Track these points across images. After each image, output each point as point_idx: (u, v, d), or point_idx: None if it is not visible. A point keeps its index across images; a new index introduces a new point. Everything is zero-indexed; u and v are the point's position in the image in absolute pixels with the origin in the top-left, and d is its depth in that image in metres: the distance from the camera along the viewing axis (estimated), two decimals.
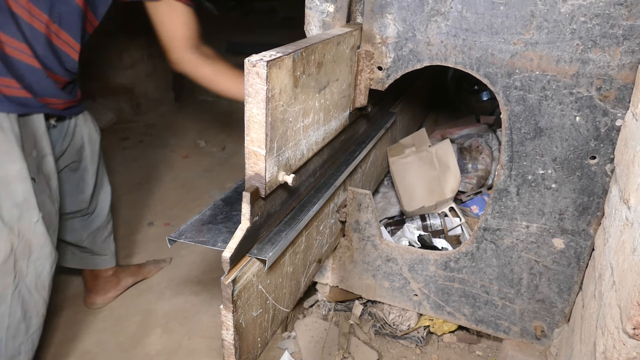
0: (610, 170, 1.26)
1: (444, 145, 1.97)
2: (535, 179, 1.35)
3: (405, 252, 1.60)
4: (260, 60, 0.88)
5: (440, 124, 2.76)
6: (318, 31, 1.43)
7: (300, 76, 1.02)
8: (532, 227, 1.41)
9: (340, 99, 1.30)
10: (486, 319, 1.59)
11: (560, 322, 1.48)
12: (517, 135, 1.32)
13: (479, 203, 2.05)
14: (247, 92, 0.91)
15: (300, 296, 1.40)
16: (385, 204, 2.13)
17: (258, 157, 0.96)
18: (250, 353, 1.13)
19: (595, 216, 1.32)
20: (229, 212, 1.17)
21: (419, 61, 1.36)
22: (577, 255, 1.38)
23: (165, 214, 2.61)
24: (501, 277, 1.51)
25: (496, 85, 1.29)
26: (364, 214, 1.58)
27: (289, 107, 1.00)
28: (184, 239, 1.06)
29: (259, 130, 0.93)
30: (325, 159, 1.34)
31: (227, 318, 0.99)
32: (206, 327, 1.87)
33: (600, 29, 1.15)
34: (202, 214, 1.15)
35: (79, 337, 1.82)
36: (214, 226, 1.12)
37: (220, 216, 1.16)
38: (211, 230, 1.11)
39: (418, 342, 1.73)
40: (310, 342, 1.73)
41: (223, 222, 1.14)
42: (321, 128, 1.21)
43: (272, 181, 1.01)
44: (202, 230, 1.10)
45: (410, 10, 1.31)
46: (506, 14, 1.22)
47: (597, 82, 1.20)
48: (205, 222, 1.13)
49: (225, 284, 0.96)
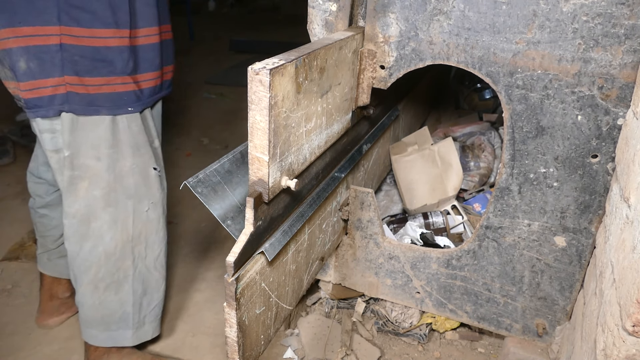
0: (611, 168, 1.26)
1: (447, 143, 1.97)
2: (537, 178, 1.36)
3: (407, 250, 1.61)
4: (263, 68, 0.88)
5: (443, 122, 2.76)
6: (321, 30, 1.44)
7: (303, 82, 1.03)
8: (533, 225, 1.41)
9: (342, 102, 1.30)
10: (488, 317, 1.59)
11: (562, 319, 1.49)
12: (519, 134, 1.33)
13: (481, 201, 2.06)
14: (250, 100, 0.92)
15: (303, 294, 1.41)
16: (387, 202, 2.14)
17: (261, 163, 0.96)
18: (254, 350, 1.14)
19: (596, 214, 1.33)
20: (245, 176, 1.14)
21: (422, 60, 1.36)
22: (579, 253, 1.39)
23: (169, 212, 2.60)
24: (503, 274, 1.51)
25: (498, 84, 1.30)
26: (367, 212, 1.59)
27: (291, 113, 1.01)
28: (199, 194, 1.01)
29: (262, 137, 0.94)
30: (328, 162, 1.35)
31: (230, 315, 1.01)
32: (210, 324, 1.88)
33: (602, 28, 1.16)
34: (221, 165, 1.10)
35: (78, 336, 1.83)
36: (229, 190, 1.09)
37: (236, 178, 1.12)
38: (225, 195, 1.08)
39: (420, 340, 1.74)
40: (313, 339, 1.74)
41: (237, 186, 1.11)
42: (323, 132, 1.22)
43: (275, 186, 1.02)
44: (216, 190, 1.07)
45: (413, 9, 1.32)
46: (508, 13, 1.23)
47: (599, 81, 1.20)
48: (222, 177, 1.09)
49: (229, 282, 0.97)
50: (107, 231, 1.47)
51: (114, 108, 1.38)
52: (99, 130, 1.39)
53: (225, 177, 1.10)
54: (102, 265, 1.49)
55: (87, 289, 1.51)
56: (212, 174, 1.08)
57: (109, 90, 1.37)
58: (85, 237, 1.46)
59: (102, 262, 1.49)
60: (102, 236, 1.47)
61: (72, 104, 1.34)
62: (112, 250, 1.49)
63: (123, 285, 1.54)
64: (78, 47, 1.30)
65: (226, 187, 1.09)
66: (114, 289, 1.53)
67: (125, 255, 1.51)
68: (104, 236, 1.47)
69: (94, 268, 1.49)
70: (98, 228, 1.46)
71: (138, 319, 1.60)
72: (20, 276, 1.86)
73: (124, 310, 1.56)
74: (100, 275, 1.50)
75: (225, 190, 1.09)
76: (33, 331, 1.80)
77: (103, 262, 1.49)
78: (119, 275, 1.52)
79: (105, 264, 1.49)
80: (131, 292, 1.55)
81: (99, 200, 1.44)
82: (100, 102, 1.36)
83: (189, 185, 1.02)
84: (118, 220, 1.48)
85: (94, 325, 1.55)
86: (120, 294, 1.54)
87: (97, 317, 1.54)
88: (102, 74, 1.34)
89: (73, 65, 1.31)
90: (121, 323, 1.57)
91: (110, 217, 1.46)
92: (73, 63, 1.31)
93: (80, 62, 1.31)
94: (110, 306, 1.54)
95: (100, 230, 1.47)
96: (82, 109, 1.35)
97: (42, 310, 1.86)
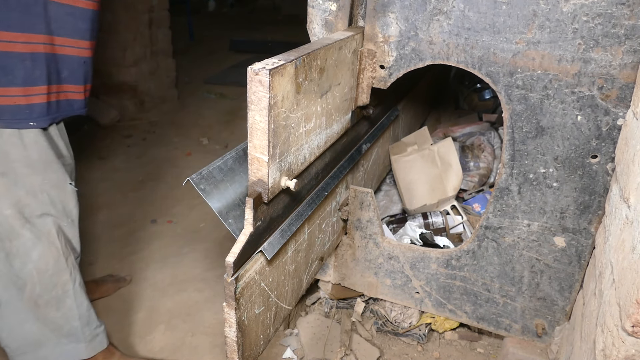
0: (611, 169, 1.26)
1: (446, 144, 1.97)
2: (536, 178, 1.36)
3: (407, 250, 1.61)
4: (263, 68, 0.88)
5: (442, 122, 2.76)
6: (320, 30, 1.44)
7: (303, 82, 1.03)
8: (533, 225, 1.41)
9: (342, 102, 1.30)
10: (487, 317, 1.59)
11: (561, 319, 1.49)
12: (519, 134, 1.33)
13: (481, 201, 2.06)
14: (249, 100, 0.92)
15: (302, 294, 1.41)
16: (387, 202, 2.14)
17: (261, 163, 0.96)
18: (253, 350, 1.14)
19: (596, 215, 1.33)
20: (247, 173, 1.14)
21: (421, 60, 1.36)
22: (578, 253, 1.39)
23: (168, 212, 2.62)
24: (502, 275, 1.51)
25: (498, 84, 1.30)
26: (366, 212, 1.59)
27: (291, 113, 1.01)
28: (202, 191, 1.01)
29: (261, 137, 0.94)
30: (328, 162, 1.35)
31: (229, 315, 1.01)
32: (209, 324, 1.88)
33: (602, 29, 1.16)
34: (224, 162, 1.10)
35: None
36: (231, 187, 1.09)
37: (238, 175, 1.12)
38: (227, 191, 1.08)
39: (419, 340, 1.74)
40: (312, 339, 1.74)
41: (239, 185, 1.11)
42: (323, 132, 1.21)
43: (275, 186, 1.02)
44: (218, 187, 1.07)
45: (413, 9, 1.31)
46: (508, 13, 1.23)
47: (598, 81, 1.20)
48: (224, 173, 1.09)
49: (228, 282, 0.97)
50: (32, 248, 1.40)
51: (12, 121, 1.29)
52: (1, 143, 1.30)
53: (227, 174, 1.10)
54: (36, 283, 1.42)
55: (28, 305, 1.43)
56: (215, 170, 1.08)
57: (6, 103, 1.27)
58: (10, 255, 1.38)
59: (36, 280, 1.42)
60: (28, 253, 1.40)
61: None
62: (43, 268, 1.42)
63: (64, 301, 1.47)
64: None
65: (228, 185, 1.09)
66: (55, 305, 1.46)
67: (60, 270, 1.45)
68: (30, 253, 1.40)
69: (28, 285, 1.41)
70: (22, 245, 1.39)
71: (89, 332, 1.54)
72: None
73: (71, 325, 1.50)
74: (37, 292, 1.43)
75: (227, 188, 1.09)
76: None
77: (37, 280, 1.42)
78: (57, 292, 1.46)
79: (39, 281, 1.42)
80: (75, 307, 1.48)
81: (12, 219, 1.36)
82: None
83: (192, 182, 1.02)
84: (42, 237, 1.41)
85: (43, 342, 1.48)
86: (63, 310, 1.48)
87: (47, 332, 1.47)
88: (1, 84, 1.25)
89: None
90: (71, 337, 1.51)
91: (32, 234, 1.39)
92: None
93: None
94: (57, 322, 1.48)
95: (24, 248, 1.39)
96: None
97: None
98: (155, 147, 3.39)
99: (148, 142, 3.48)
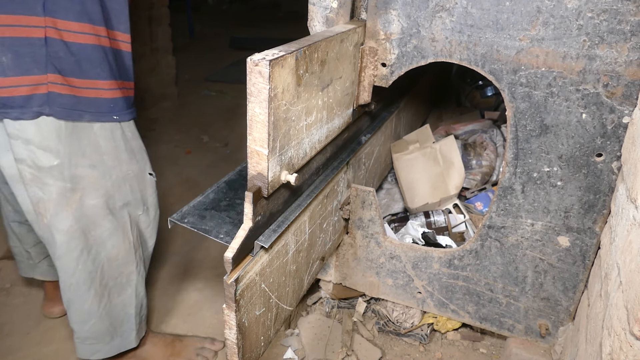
0: (617, 168, 1.24)
1: (448, 142, 1.95)
2: (540, 177, 1.34)
3: (408, 249, 1.60)
4: (263, 59, 0.87)
5: (444, 120, 2.74)
6: (321, 27, 1.42)
7: (303, 74, 1.01)
8: (537, 224, 1.39)
9: (343, 97, 1.28)
10: (490, 317, 1.58)
11: (565, 320, 1.47)
12: (523, 133, 1.31)
13: (483, 199, 2.04)
14: (249, 92, 0.90)
15: (303, 294, 1.39)
16: (388, 201, 2.12)
17: (260, 156, 0.95)
18: (254, 352, 1.12)
19: (601, 214, 1.31)
20: (233, 199, 1.15)
21: (424, 57, 1.34)
22: (583, 253, 1.37)
23: (168, 209, 2.61)
24: (506, 274, 1.50)
25: (501, 81, 1.28)
26: (368, 211, 1.57)
27: (291, 106, 0.99)
28: (186, 224, 1.05)
29: (261, 130, 0.92)
30: (329, 157, 1.33)
31: (230, 317, 0.99)
32: (209, 324, 1.87)
33: (607, 25, 1.14)
34: (205, 196, 1.13)
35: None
36: (217, 213, 1.11)
37: (223, 202, 1.14)
38: (214, 217, 1.10)
39: (422, 340, 1.73)
40: (313, 339, 1.73)
41: (226, 209, 1.12)
42: (324, 126, 1.20)
43: (275, 181, 1.00)
44: (204, 216, 1.09)
45: (415, 6, 1.30)
46: (512, 10, 1.21)
47: (604, 78, 1.18)
48: (208, 206, 1.12)
49: (228, 284, 0.95)
50: (108, 238, 1.43)
51: (98, 115, 1.31)
52: (90, 136, 1.33)
53: (211, 204, 1.14)
54: (105, 271, 1.46)
55: (93, 303, 1.46)
56: (197, 205, 1.12)
57: (95, 95, 1.29)
58: (85, 248, 1.41)
59: (105, 268, 1.46)
60: (104, 243, 1.43)
61: (54, 106, 1.24)
62: (114, 256, 1.46)
63: (126, 289, 1.52)
64: (64, 43, 1.20)
65: (214, 211, 1.13)
66: (117, 291, 1.51)
67: (128, 262, 1.50)
68: (105, 243, 1.43)
69: (97, 277, 1.44)
70: (99, 235, 1.42)
71: (139, 320, 1.59)
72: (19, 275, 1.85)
73: (127, 312, 1.54)
74: (104, 282, 1.47)
75: (213, 215, 1.11)
76: (32, 330, 1.79)
77: (106, 268, 1.46)
78: (121, 280, 1.50)
79: (107, 269, 1.46)
80: (134, 295, 1.54)
81: (98, 209, 1.39)
82: (85, 106, 1.28)
83: (174, 221, 1.06)
84: (118, 228, 1.45)
85: (99, 338, 1.51)
86: (123, 296, 1.52)
87: (103, 329, 1.50)
88: (89, 76, 1.26)
89: (58, 62, 1.21)
90: (125, 326, 1.55)
91: (111, 224, 1.43)
92: (58, 60, 1.21)
93: (66, 60, 1.22)
94: (115, 311, 1.52)
95: (101, 238, 1.42)
96: (65, 112, 1.26)
97: (48, 299, 1.85)
98: (155, 144, 3.38)
99: (148, 140, 3.44)
